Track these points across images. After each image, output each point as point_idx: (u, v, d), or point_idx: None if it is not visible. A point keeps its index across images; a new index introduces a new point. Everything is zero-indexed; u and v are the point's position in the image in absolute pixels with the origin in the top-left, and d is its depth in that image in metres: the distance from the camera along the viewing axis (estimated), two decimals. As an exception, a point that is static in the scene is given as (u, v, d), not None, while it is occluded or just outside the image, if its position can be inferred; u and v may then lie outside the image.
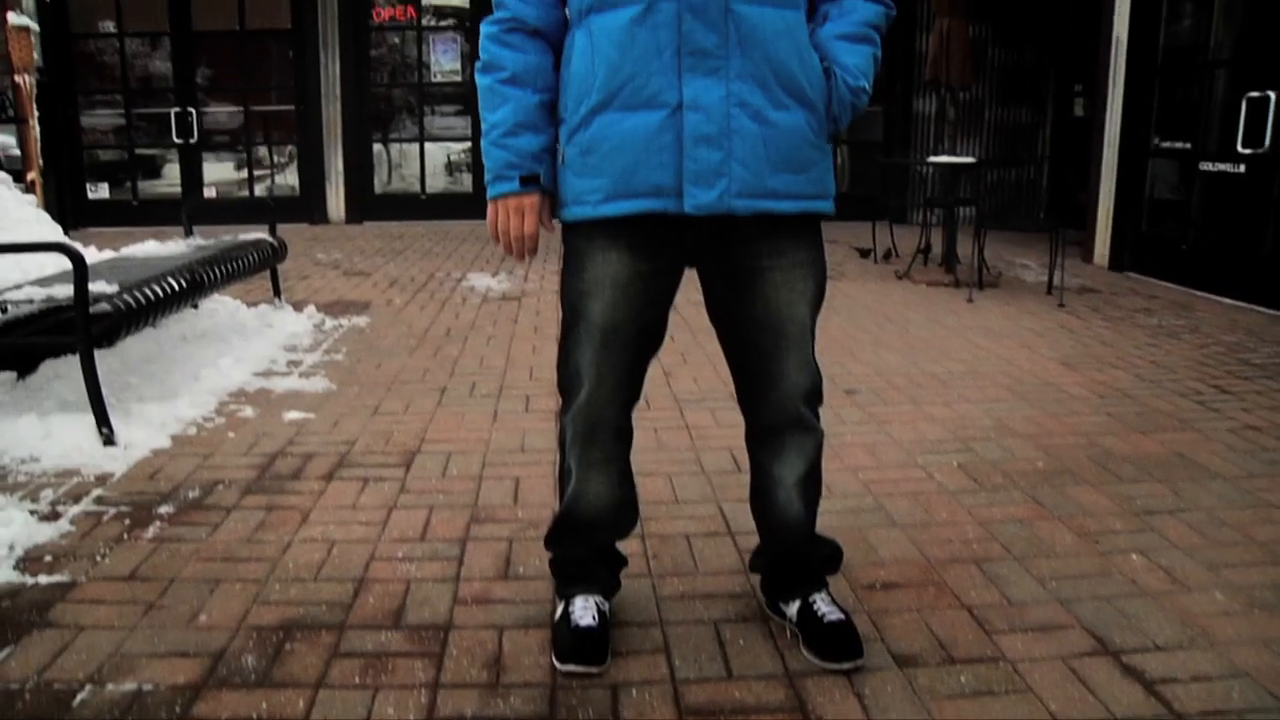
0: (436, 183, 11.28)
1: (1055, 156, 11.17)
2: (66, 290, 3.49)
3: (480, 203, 2.02)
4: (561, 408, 2.04)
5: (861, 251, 8.12)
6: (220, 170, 11.16)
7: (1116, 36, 7.71)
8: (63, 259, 4.83)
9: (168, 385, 4.13)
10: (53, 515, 2.86)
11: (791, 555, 2.13)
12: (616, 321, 1.88)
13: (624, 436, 2.06)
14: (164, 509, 2.91)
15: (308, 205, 10.76)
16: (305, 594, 2.37)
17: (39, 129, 5.57)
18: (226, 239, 5.25)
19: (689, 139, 1.76)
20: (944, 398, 4.03)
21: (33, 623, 2.22)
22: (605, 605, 2.12)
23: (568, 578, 2.16)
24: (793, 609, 2.11)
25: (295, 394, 4.12)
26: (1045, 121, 11.19)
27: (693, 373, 4.35)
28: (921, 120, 10.53)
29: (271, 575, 2.46)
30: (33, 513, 2.86)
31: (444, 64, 10.79)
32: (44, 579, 2.45)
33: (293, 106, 10.90)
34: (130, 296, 3.60)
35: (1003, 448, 3.42)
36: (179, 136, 10.88)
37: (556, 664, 2.02)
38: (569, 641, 2.02)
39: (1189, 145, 7.19)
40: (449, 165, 11.36)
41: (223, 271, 4.52)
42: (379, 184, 11.16)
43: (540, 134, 1.87)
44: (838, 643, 2.01)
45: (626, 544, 2.26)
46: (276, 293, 5.57)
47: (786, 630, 2.14)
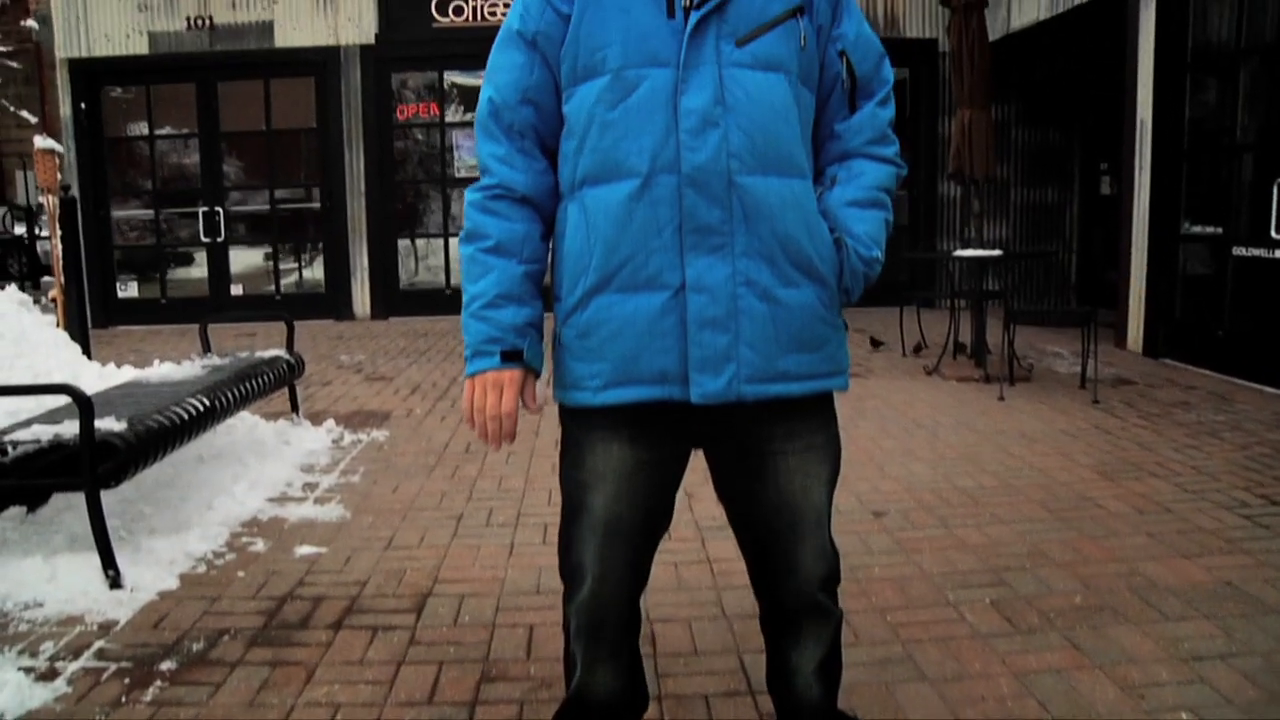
0: (462, 276, 11.28)
1: (1084, 235, 11.08)
2: (74, 429, 3.44)
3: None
4: (565, 594, 1.93)
5: (874, 342, 8.00)
6: (247, 267, 11.26)
7: (1141, 119, 7.64)
8: (75, 374, 4.85)
9: (180, 515, 4.05)
10: (50, 674, 2.76)
11: None
12: (620, 513, 1.77)
13: (632, 626, 1.95)
14: (166, 664, 2.81)
15: (334, 301, 10.81)
16: (303, 777, 2.25)
17: (63, 244, 5.58)
18: (243, 356, 5.21)
19: (693, 323, 1.66)
20: (976, 518, 3.88)
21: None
22: None
23: None
24: None
25: (309, 524, 4.03)
26: (1072, 200, 11.11)
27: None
28: (947, 204, 10.48)
29: (269, 753, 2.35)
30: (30, 671, 2.77)
31: (468, 158, 10.87)
32: (33, 758, 2.34)
33: (318, 204, 11.01)
34: (138, 434, 3.54)
35: (1038, 579, 3.26)
36: (206, 235, 11.00)
37: None
38: None
39: (1220, 230, 7.07)
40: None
41: (238, 394, 4.46)
42: (404, 278, 11.21)
43: (525, 306, 1.75)
44: None
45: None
46: (294, 409, 5.51)
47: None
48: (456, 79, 10.83)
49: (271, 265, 11.20)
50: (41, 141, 5.44)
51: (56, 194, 5.47)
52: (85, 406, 3.34)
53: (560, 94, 1.75)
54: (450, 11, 10.34)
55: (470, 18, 10.32)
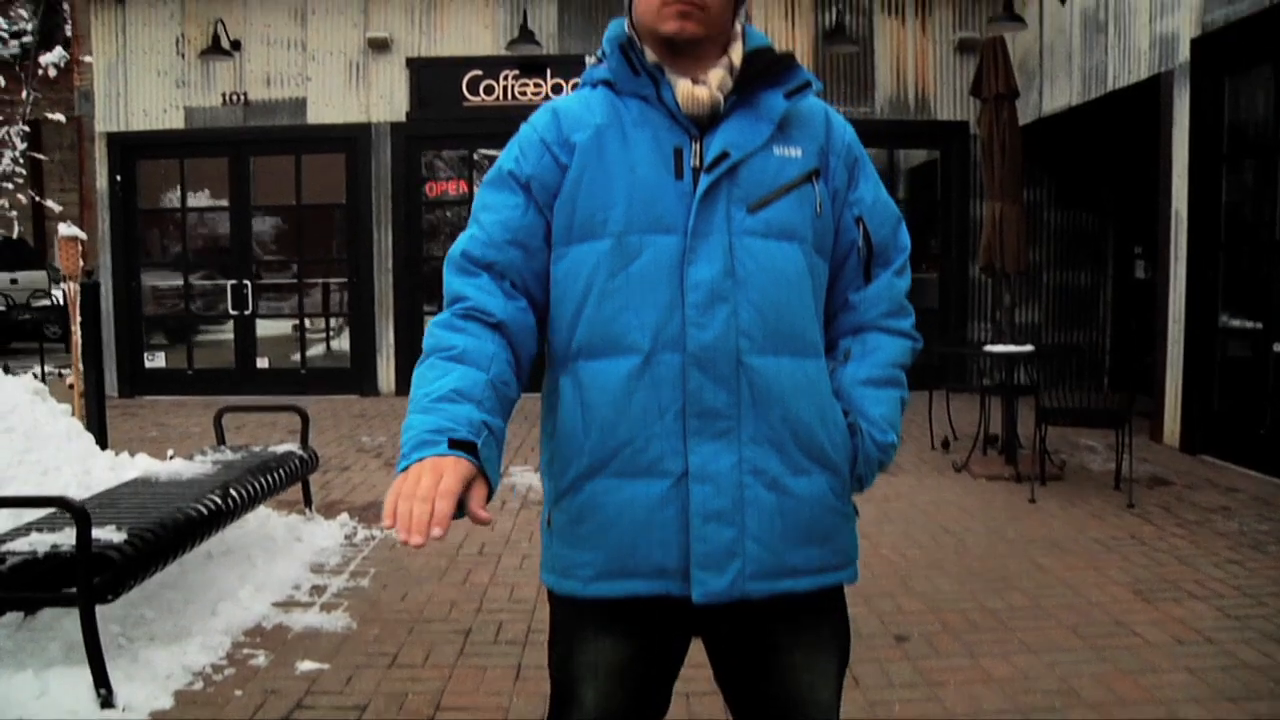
0: (487, 352, 11.24)
1: (1117, 319, 10.90)
2: (72, 538, 3.35)
3: (536, 375, 1.67)
4: None
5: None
6: (273, 339, 11.27)
7: (1175, 210, 7.51)
8: (86, 467, 4.79)
9: (182, 621, 3.95)
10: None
11: None
12: (613, 710, 1.63)
13: None
14: (150, 803, 2.68)
15: (358, 377, 10.78)
16: None
17: (82, 332, 5.56)
18: (257, 450, 5.14)
19: (696, 515, 1.53)
20: (1003, 646, 3.70)
21: None
22: None
23: None
24: None
25: (313, 634, 3.91)
26: (1106, 284, 10.95)
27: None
28: (977, 288, 10.35)
29: None
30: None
31: (495, 236, 10.86)
32: None
33: (346, 278, 11.03)
34: (137, 546, 3.45)
35: (1071, 723, 3.09)
36: (234, 308, 11.04)
37: None
38: None
39: (1260, 325, 6.89)
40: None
41: (248, 494, 4.36)
42: (430, 353, 11.13)
43: (485, 412, 1.43)
44: None
45: None
46: (307, 503, 5.42)
47: None
48: (489, 152, 10.84)
49: (298, 338, 11.20)
50: (66, 229, 5.44)
51: (78, 280, 5.46)
52: (81, 519, 3.25)
53: (549, 245, 1.63)
54: (481, 90, 10.41)
55: (500, 97, 10.38)
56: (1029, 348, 6.47)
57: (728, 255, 1.54)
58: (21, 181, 6.02)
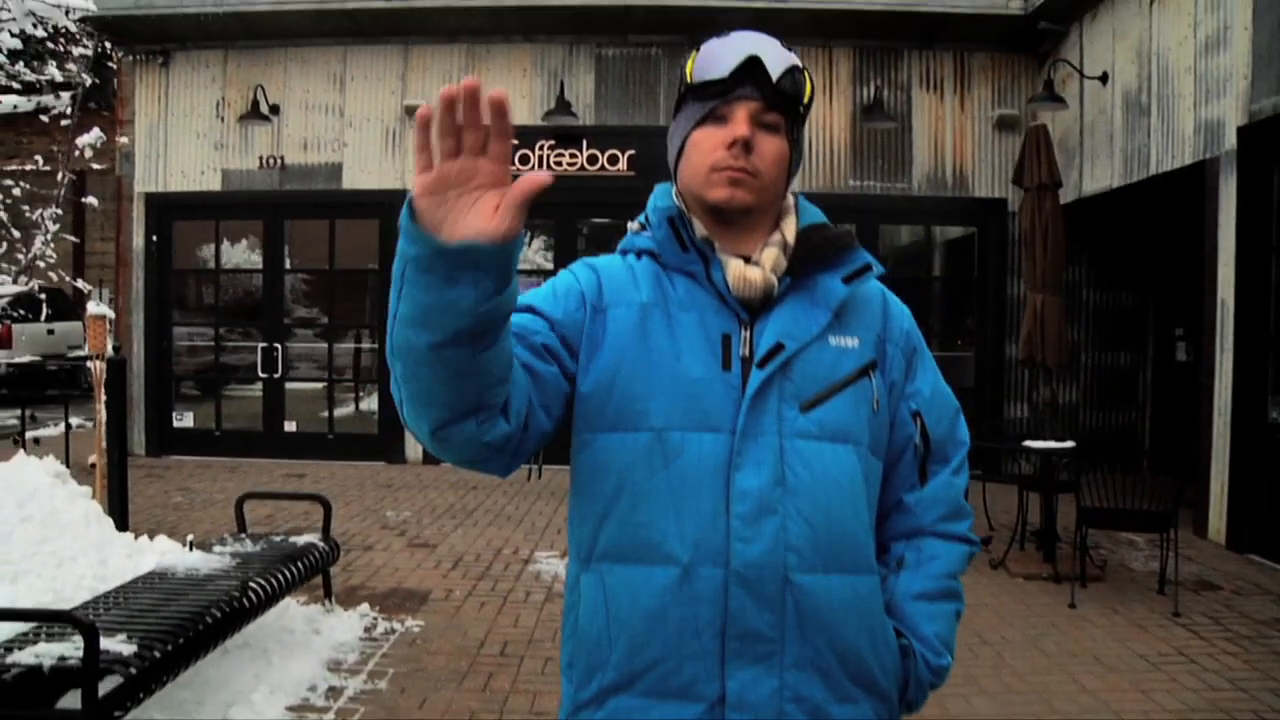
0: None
1: (1157, 402, 10.68)
2: (80, 648, 3.25)
3: (564, 447, 1.55)
4: None
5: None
6: (302, 402, 11.23)
7: (1222, 299, 7.34)
8: (103, 556, 4.70)
9: (193, 727, 3.83)
10: None
11: None
12: None
13: None
14: None
15: (386, 444, 10.70)
16: None
17: (107, 411, 5.50)
18: (277, 540, 5.03)
19: None
20: (1049, 785, 3.52)
21: None
22: None
23: None
24: None
25: (325, 746, 3.78)
26: (1146, 365, 10.75)
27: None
28: (1013, 366, 10.16)
29: None
30: None
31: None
32: None
33: (376, 344, 11.01)
34: (146, 660, 3.34)
35: None
36: (264, 370, 11.03)
37: None
38: None
39: (1311, 422, 6.69)
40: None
41: (265, 593, 4.25)
42: (458, 420, 11.06)
43: None
44: None
45: None
46: (328, 593, 5.30)
47: None
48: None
49: (326, 402, 11.16)
50: (94, 307, 5.40)
51: (104, 358, 5.41)
52: (89, 634, 3.15)
53: (566, 394, 1.47)
54: (517, 160, 10.39)
55: (536, 166, 10.38)
56: (1069, 444, 6.28)
57: (778, 461, 1.42)
58: (53, 260, 6.07)
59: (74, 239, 10.77)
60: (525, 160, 10.38)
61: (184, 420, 11.34)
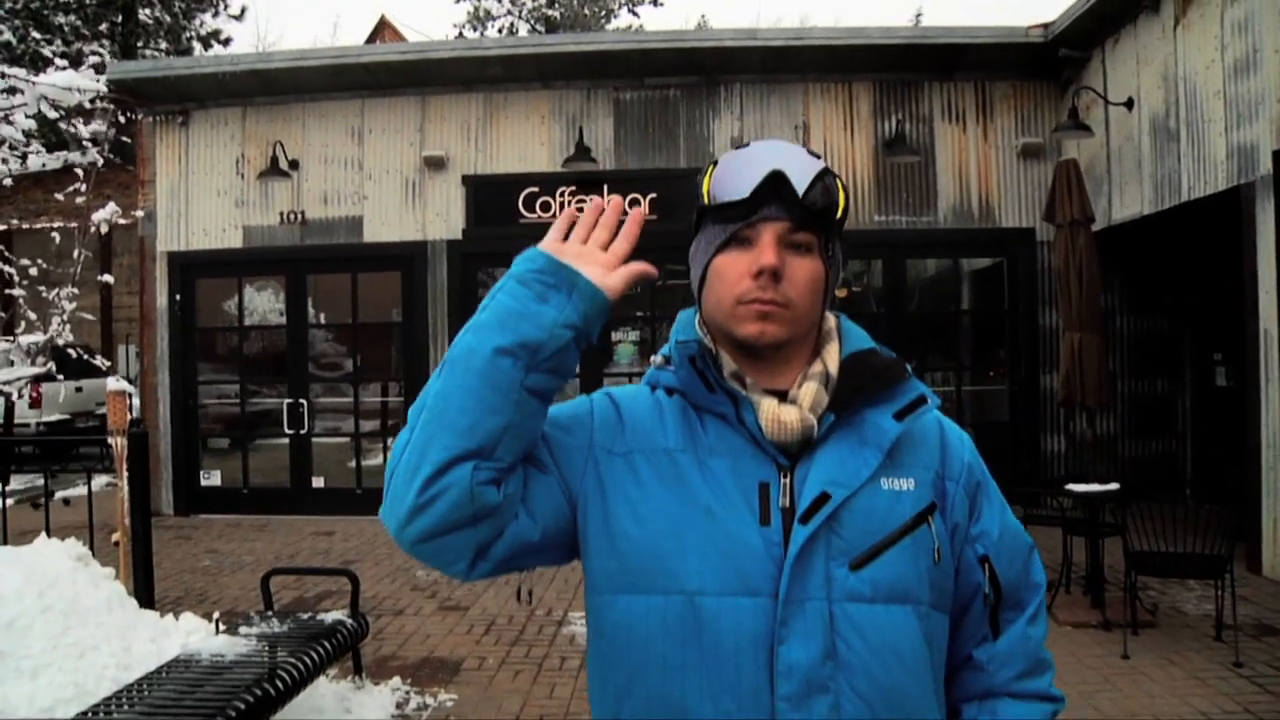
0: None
1: (1197, 428, 10.44)
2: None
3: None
4: None
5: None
6: (330, 457, 11.16)
7: (1265, 329, 7.15)
8: (126, 643, 4.60)
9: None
10: None
11: None
12: None
13: None
14: None
15: (414, 496, 10.58)
16: None
17: (129, 487, 5.42)
18: (305, 618, 4.91)
19: None
20: None
21: None
22: None
23: None
24: None
25: (357, 842, 3.64)
26: (1184, 392, 10.52)
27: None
28: (1049, 398, 9.96)
29: None
30: None
31: (551, 353, 10.76)
32: None
33: (402, 397, 10.95)
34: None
35: None
36: (290, 426, 10.97)
37: None
38: None
39: (1364, 452, 6.47)
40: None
41: (294, 677, 4.13)
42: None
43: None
44: None
45: None
46: (358, 670, 5.17)
47: None
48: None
49: (354, 457, 11.09)
50: (114, 384, 5.34)
51: (125, 435, 5.34)
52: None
53: (562, 516, 1.36)
54: (538, 207, 10.36)
55: (557, 213, 10.27)
56: (1114, 486, 6.09)
57: (828, 630, 1.25)
58: (71, 340, 6.09)
59: (91, 317, 10.76)
60: (547, 208, 10.32)
61: (211, 479, 11.28)
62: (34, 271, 6.44)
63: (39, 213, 19.44)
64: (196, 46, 27.62)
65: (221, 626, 4.85)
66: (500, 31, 32.96)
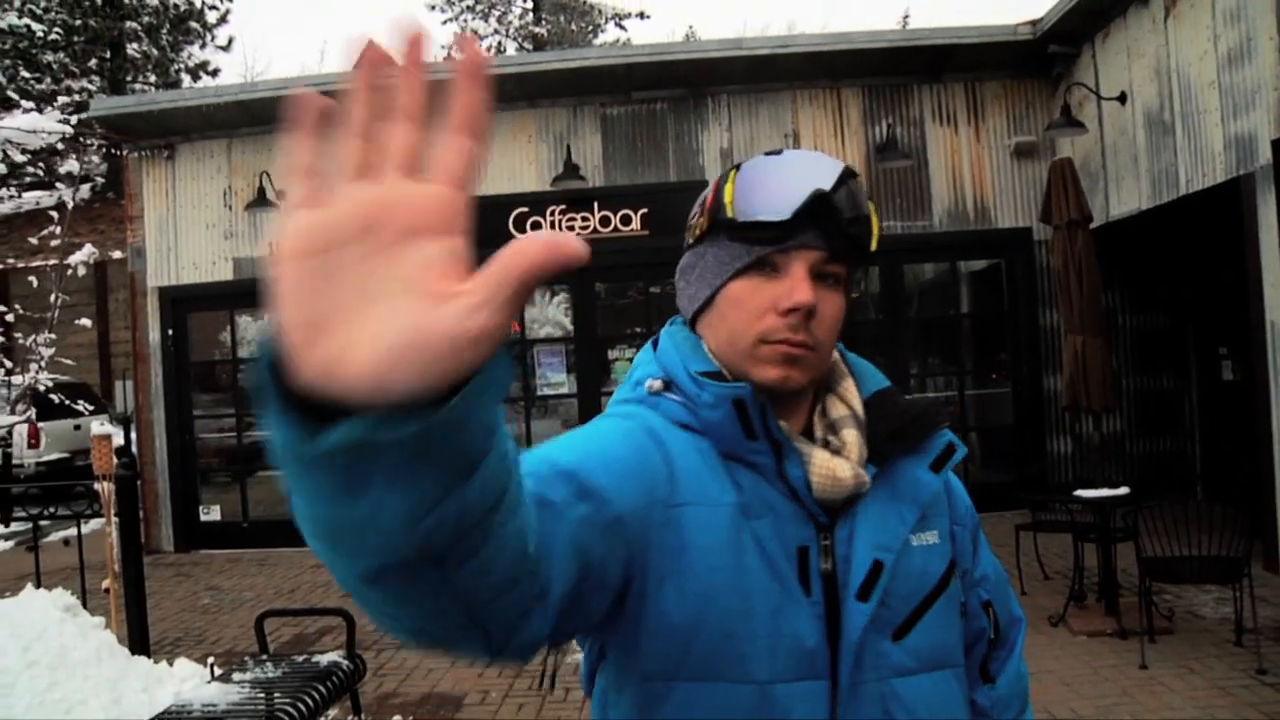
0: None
1: (1205, 423, 10.30)
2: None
3: None
4: None
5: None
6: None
7: (1271, 321, 7.02)
8: (117, 695, 4.48)
9: None
10: None
11: None
12: None
13: None
14: None
15: (415, 524, 10.47)
16: None
17: (119, 533, 5.31)
18: (300, 661, 4.79)
19: None
20: None
21: None
22: None
23: None
24: None
25: None
26: (1190, 387, 10.38)
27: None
28: (1052, 400, 9.82)
29: None
30: None
31: (551, 375, 10.65)
32: None
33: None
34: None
35: None
36: (288, 458, 10.84)
37: None
38: None
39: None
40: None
41: (285, 725, 4.01)
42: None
43: None
44: None
45: None
46: (356, 711, 5.04)
47: None
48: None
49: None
50: (98, 428, 5.24)
51: (112, 479, 5.22)
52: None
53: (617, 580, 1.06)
54: (528, 226, 10.22)
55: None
56: (1124, 490, 5.95)
57: (883, 714, 1.12)
58: (48, 395, 5.99)
59: (69, 362, 10.60)
60: (537, 227, 10.21)
61: (211, 514, 11.16)
62: (10, 318, 6.34)
63: (35, 251, 19.41)
64: (185, 78, 27.60)
65: (216, 672, 4.73)
66: (489, 51, 32.92)
